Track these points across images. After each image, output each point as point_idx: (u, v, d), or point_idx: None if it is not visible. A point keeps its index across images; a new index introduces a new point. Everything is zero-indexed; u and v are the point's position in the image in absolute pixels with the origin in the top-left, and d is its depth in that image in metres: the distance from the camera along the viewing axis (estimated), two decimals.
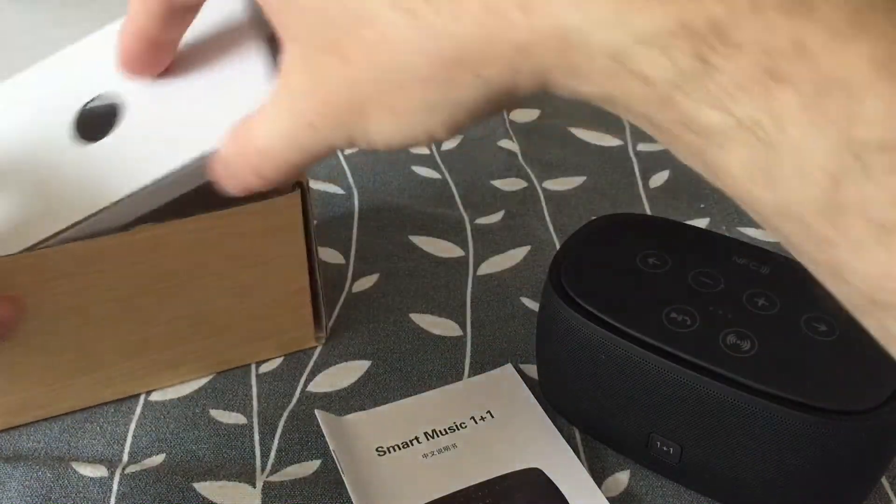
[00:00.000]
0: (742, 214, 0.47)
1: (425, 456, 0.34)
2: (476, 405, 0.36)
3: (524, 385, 0.36)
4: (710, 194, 0.49)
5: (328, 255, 0.45)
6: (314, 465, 0.34)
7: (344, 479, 0.32)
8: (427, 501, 0.31)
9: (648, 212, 0.48)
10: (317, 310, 0.39)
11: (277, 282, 0.37)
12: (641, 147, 0.54)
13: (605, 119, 0.57)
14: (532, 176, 0.51)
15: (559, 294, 0.31)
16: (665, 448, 0.30)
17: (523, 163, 0.52)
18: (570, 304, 0.31)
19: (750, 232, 0.46)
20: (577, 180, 0.51)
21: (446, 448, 0.34)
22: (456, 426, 0.35)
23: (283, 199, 0.34)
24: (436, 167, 0.52)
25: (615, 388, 0.30)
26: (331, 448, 0.34)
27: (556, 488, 0.31)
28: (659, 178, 0.51)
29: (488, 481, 0.32)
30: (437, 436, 0.34)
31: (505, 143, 0.54)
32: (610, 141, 0.55)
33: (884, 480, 0.32)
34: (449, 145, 0.54)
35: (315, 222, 0.37)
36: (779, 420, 0.26)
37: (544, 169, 0.52)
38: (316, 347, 0.39)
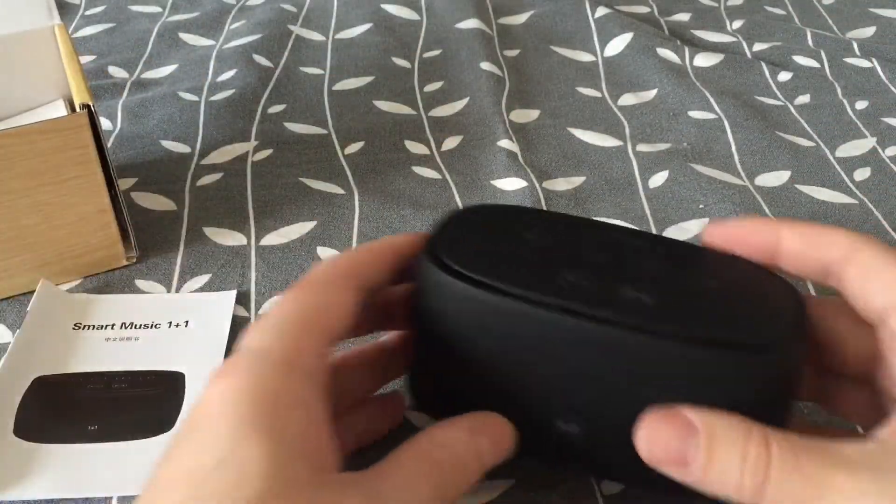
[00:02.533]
0: (741, 216, 0.47)
1: (108, 340, 0.39)
2: (181, 313, 0.41)
3: (231, 310, 0.41)
4: (710, 193, 0.49)
5: (329, 255, 0.45)
6: None
7: (14, 333, 0.39)
8: (76, 372, 0.37)
9: (648, 212, 0.48)
10: (124, 231, 0.43)
11: (78, 201, 0.40)
12: (641, 147, 0.54)
13: (604, 119, 0.58)
14: (532, 176, 0.51)
15: (444, 270, 0.27)
16: (567, 429, 0.27)
17: (523, 163, 0.52)
18: (457, 278, 0.27)
19: None
20: (577, 180, 0.51)
21: (129, 339, 0.39)
22: (152, 325, 0.40)
23: (68, 117, 0.38)
24: (436, 167, 0.52)
25: (515, 366, 0.27)
26: (28, 308, 0.40)
27: (183, 389, 0.36)
28: (659, 178, 0.51)
29: (135, 371, 0.37)
30: (131, 328, 0.40)
31: (505, 143, 0.54)
32: (610, 141, 0.55)
33: None
34: (450, 145, 0.54)
35: (110, 145, 0.40)
36: (695, 362, 0.25)
37: (544, 169, 0.52)
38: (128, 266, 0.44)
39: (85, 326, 0.40)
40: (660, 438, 0.24)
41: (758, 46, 0.67)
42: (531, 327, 0.26)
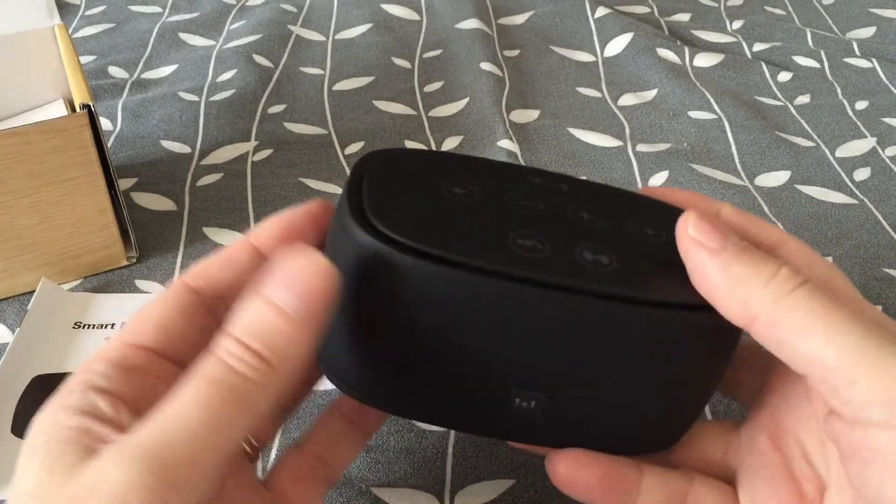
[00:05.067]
0: None
1: (107, 339, 0.37)
2: None
3: None
4: (710, 195, 0.49)
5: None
6: None
7: (14, 332, 0.39)
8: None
9: None
10: (125, 231, 0.43)
11: (78, 201, 0.40)
12: (641, 148, 0.54)
13: (604, 119, 0.58)
14: None
15: (381, 240, 0.23)
16: (525, 404, 0.25)
17: (523, 163, 0.52)
18: (392, 246, 0.22)
19: None
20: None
21: None
22: None
23: (68, 117, 0.38)
24: None
25: (466, 342, 0.24)
26: (28, 307, 0.39)
27: None
28: (658, 179, 0.51)
29: None
30: None
31: (505, 144, 0.54)
32: (610, 141, 0.55)
33: None
34: (449, 145, 0.54)
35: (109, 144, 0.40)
36: (666, 326, 0.23)
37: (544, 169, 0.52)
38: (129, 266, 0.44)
39: (85, 326, 0.40)
40: (711, 220, 0.23)
41: (758, 46, 0.67)
42: (489, 300, 0.23)
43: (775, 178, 0.51)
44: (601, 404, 0.25)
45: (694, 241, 0.23)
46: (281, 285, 0.21)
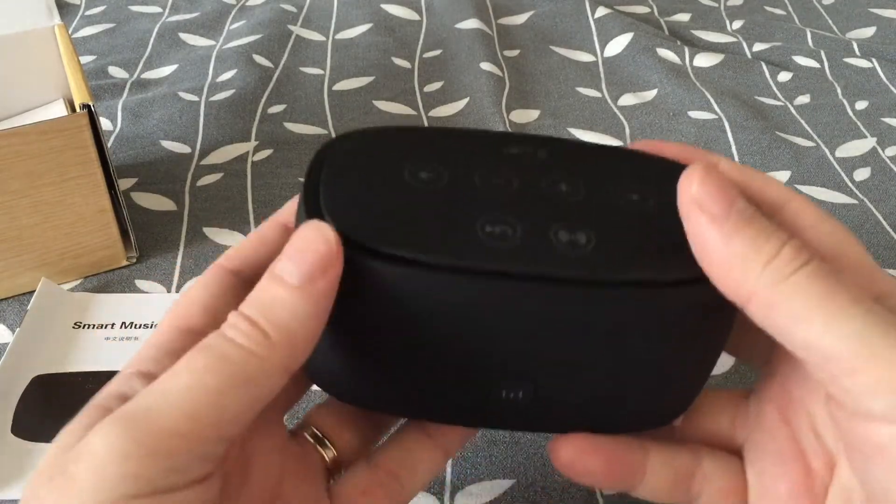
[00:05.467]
0: None
1: (107, 339, 0.39)
2: None
3: None
4: None
5: None
6: None
7: (14, 332, 0.39)
8: (76, 371, 0.37)
9: None
10: (125, 231, 0.43)
11: (78, 201, 0.40)
12: None
13: (604, 119, 0.58)
14: None
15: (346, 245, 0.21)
16: (512, 395, 0.24)
17: None
18: (351, 249, 0.21)
19: None
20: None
21: (129, 338, 0.39)
22: (152, 325, 0.40)
23: (68, 117, 0.38)
24: None
25: (445, 341, 0.23)
26: (28, 307, 0.39)
27: None
28: None
29: None
30: (131, 328, 0.40)
31: None
32: (610, 141, 0.55)
33: None
34: None
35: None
36: (652, 303, 0.22)
37: None
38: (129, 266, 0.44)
39: (85, 326, 0.40)
40: (720, 179, 0.21)
41: (758, 46, 0.67)
42: (458, 297, 0.22)
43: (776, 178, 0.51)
44: (593, 387, 0.24)
45: (695, 204, 0.21)
46: (282, 256, 0.21)
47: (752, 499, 0.25)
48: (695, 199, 0.21)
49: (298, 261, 0.20)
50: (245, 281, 0.25)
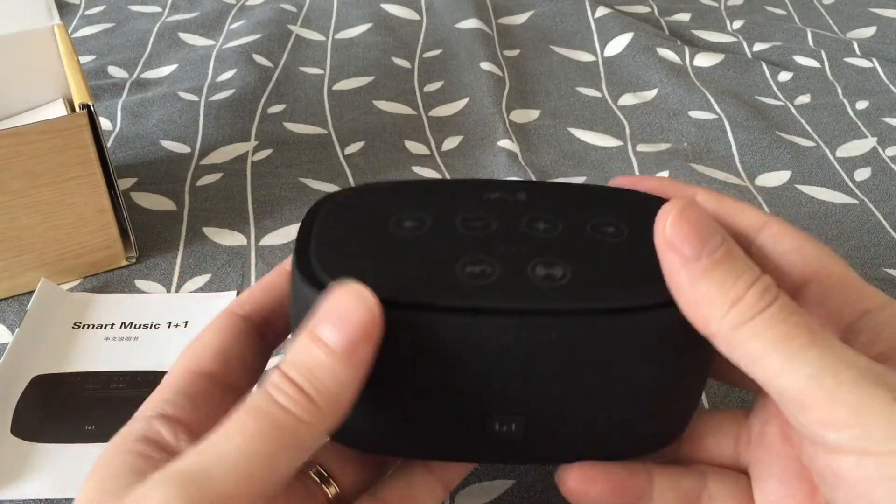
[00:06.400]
0: None
1: (107, 339, 0.39)
2: (180, 313, 0.40)
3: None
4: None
5: None
6: None
7: (14, 332, 0.39)
8: (75, 371, 0.37)
9: None
10: (124, 231, 0.43)
11: (78, 201, 0.40)
12: (641, 148, 0.54)
13: (605, 119, 0.58)
14: (532, 176, 0.51)
15: (321, 290, 0.22)
16: (505, 428, 0.24)
17: (523, 163, 0.52)
18: None
19: None
20: (577, 181, 0.51)
21: (128, 339, 0.39)
22: (152, 325, 0.40)
23: (68, 117, 0.38)
24: (436, 167, 0.52)
25: (434, 380, 0.24)
26: (28, 307, 0.39)
27: None
28: None
29: (134, 371, 0.37)
30: (131, 328, 0.40)
31: (505, 143, 0.54)
32: (610, 141, 0.55)
33: None
34: (450, 145, 0.54)
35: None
36: (633, 329, 0.23)
37: (544, 169, 0.52)
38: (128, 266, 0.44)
39: (84, 326, 0.40)
40: (695, 218, 0.21)
41: (758, 46, 0.67)
42: (441, 335, 0.23)
43: (776, 178, 0.51)
44: (585, 415, 0.24)
45: (668, 244, 0.21)
46: (323, 319, 0.21)
47: None
48: (667, 240, 0.21)
49: (342, 328, 0.21)
50: (255, 326, 0.26)
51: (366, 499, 0.27)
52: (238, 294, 0.42)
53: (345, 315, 0.21)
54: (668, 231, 0.21)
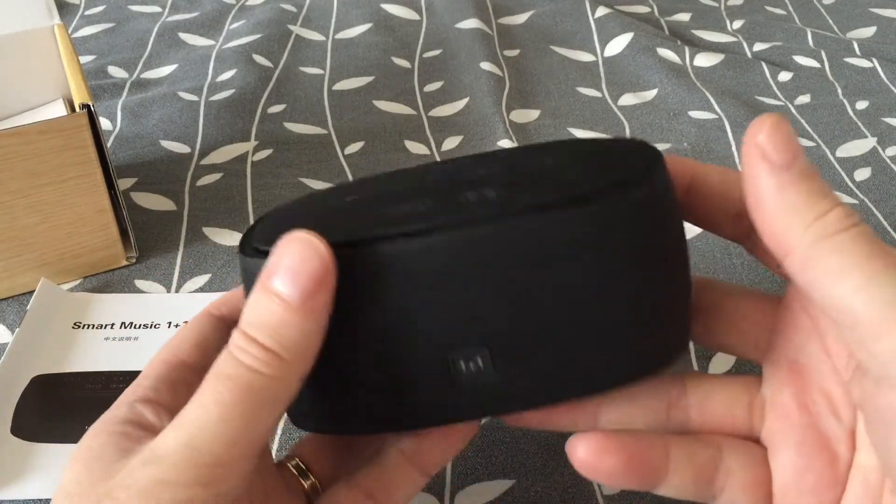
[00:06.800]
0: None
1: (107, 339, 0.39)
2: (180, 313, 0.41)
3: None
4: None
5: None
6: None
7: (14, 332, 0.39)
8: (75, 371, 0.37)
9: None
10: (124, 231, 0.43)
11: (78, 201, 0.40)
12: None
13: (605, 119, 0.58)
14: None
15: (257, 255, 0.22)
16: (472, 366, 0.22)
17: None
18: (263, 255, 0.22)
19: None
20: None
21: (128, 338, 0.39)
22: (152, 325, 0.40)
23: (68, 117, 0.38)
24: None
25: (378, 323, 0.22)
26: (28, 307, 0.39)
27: None
28: None
29: (134, 371, 0.37)
30: (131, 328, 0.40)
31: (505, 143, 0.54)
32: None
33: None
34: (450, 145, 0.54)
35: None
36: (576, 221, 0.21)
37: None
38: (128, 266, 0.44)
39: (84, 326, 0.40)
40: (788, 133, 0.21)
41: (758, 46, 0.67)
42: (385, 271, 0.21)
43: None
44: (556, 336, 0.22)
45: (759, 150, 0.20)
46: (273, 270, 0.21)
47: (778, 492, 0.24)
48: (759, 146, 0.21)
49: (294, 277, 0.20)
50: (231, 325, 0.25)
51: (341, 485, 0.26)
52: None
53: (295, 263, 0.20)
54: (761, 139, 0.20)
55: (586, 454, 0.24)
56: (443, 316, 0.22)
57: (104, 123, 0.56)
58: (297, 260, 0.21)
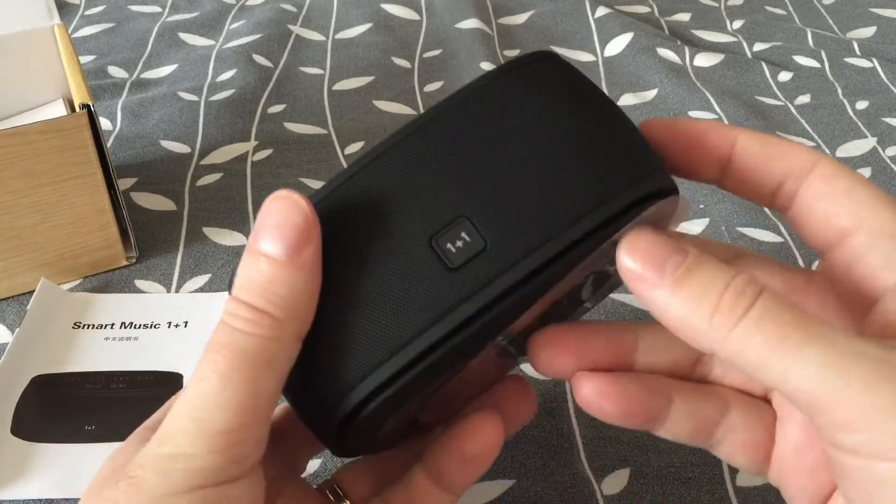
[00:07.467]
0: (742, 215, 0.47)
1: (107, 339, 0.39)
2: (180, 313, 0.41)
3: None
4: (710, 194, 0.49)
5: None
6: None
7: (14, 332, 0.39)
8: (75, 371, 0.37)
9: None
10: (124, 231, 0.43)
11: (78, 201, 0.40)
12: None
13: None
14: None
15: None
16: (460, 243, 0.22)
17: None
18: None
19: (749, 232, 0.46)
20: None
21: (128, 339, 0.39)
22: (151, 325, 0.40)
23: (68, 117, 0.38)
24: None
25: (360, 251, 0.22)
26: (28, 307, 0.39)
27: (181, 389, 0.35)
28: None
29: (134, 371, 0.38)
30: (131, 328, 0.40)
31: None
32: None
33: None
34: None
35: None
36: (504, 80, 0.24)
37: None
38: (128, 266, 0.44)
39: (84, 326, 0.40)
40: (646, 243, 0.21)
41: (758, 46, 0.67)
42: (353, 204, 0.23)
43: None
44: (522, 186, 0.23)
45: (633, 276, 0.21)
46: (258, 231, 0.21)
47: (776, 460, 0.25)
48: (630, 272, 0.21)
49: (278, 234, 0.21)
50: None
51: (375, 501, 0.27)
52: None
53: (279, 220, 0.21)
54: (626, 264, 0.21)
55: (589, 394, 0.24)
56: (417, 212, 0.23)
57: (104, 123, 0.56)
58: (280, 216, 0.21)
